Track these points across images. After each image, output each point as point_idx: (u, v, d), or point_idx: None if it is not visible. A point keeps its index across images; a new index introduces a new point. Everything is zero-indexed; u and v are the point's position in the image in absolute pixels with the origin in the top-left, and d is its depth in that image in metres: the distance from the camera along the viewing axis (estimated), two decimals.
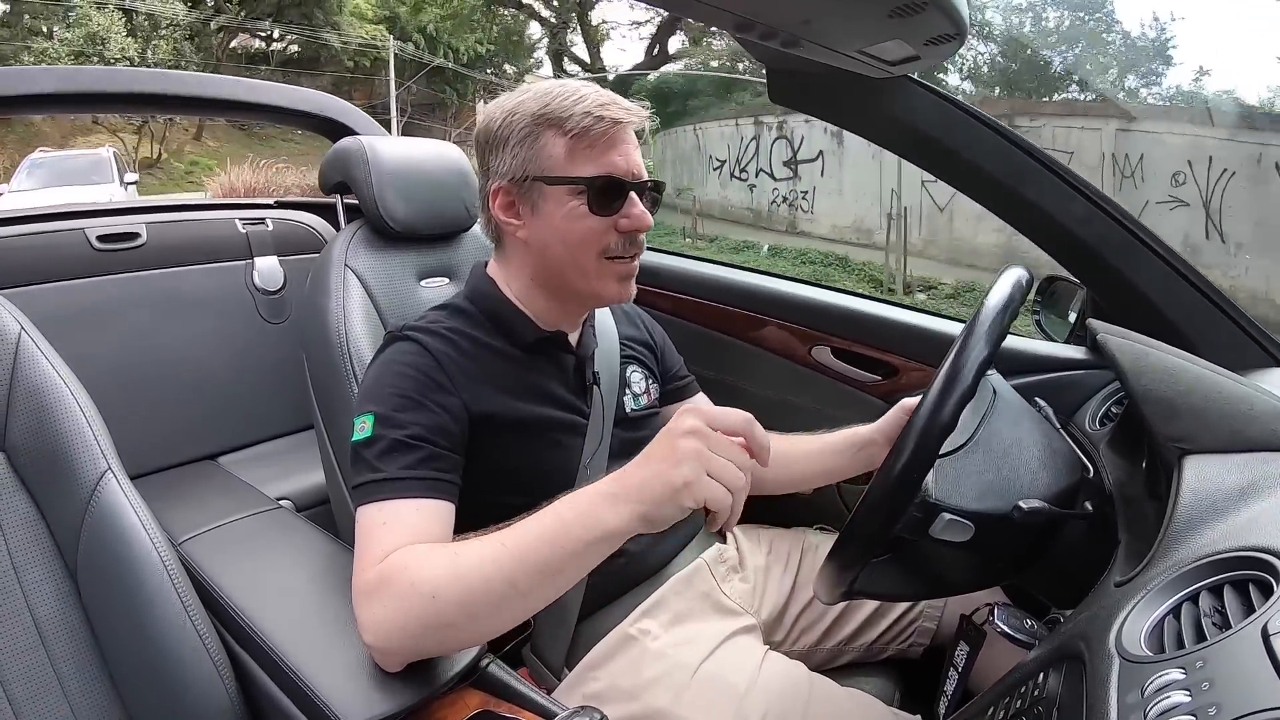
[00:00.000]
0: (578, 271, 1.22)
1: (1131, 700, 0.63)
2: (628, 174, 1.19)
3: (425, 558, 0.96)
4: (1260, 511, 0.81)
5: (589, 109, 1.16)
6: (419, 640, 0.96)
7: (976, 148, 1.39)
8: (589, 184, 1.17)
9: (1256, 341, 1.34)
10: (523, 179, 1.20)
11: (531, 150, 1.19)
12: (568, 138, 1.17)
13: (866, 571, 1.06)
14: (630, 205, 1.19)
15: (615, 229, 1.19)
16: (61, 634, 1.05)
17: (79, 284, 1.83)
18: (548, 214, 1.20)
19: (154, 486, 1.60)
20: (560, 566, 0.91)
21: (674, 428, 0.88)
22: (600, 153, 1.18)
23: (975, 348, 0.98)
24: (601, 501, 0.90)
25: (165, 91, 1.88)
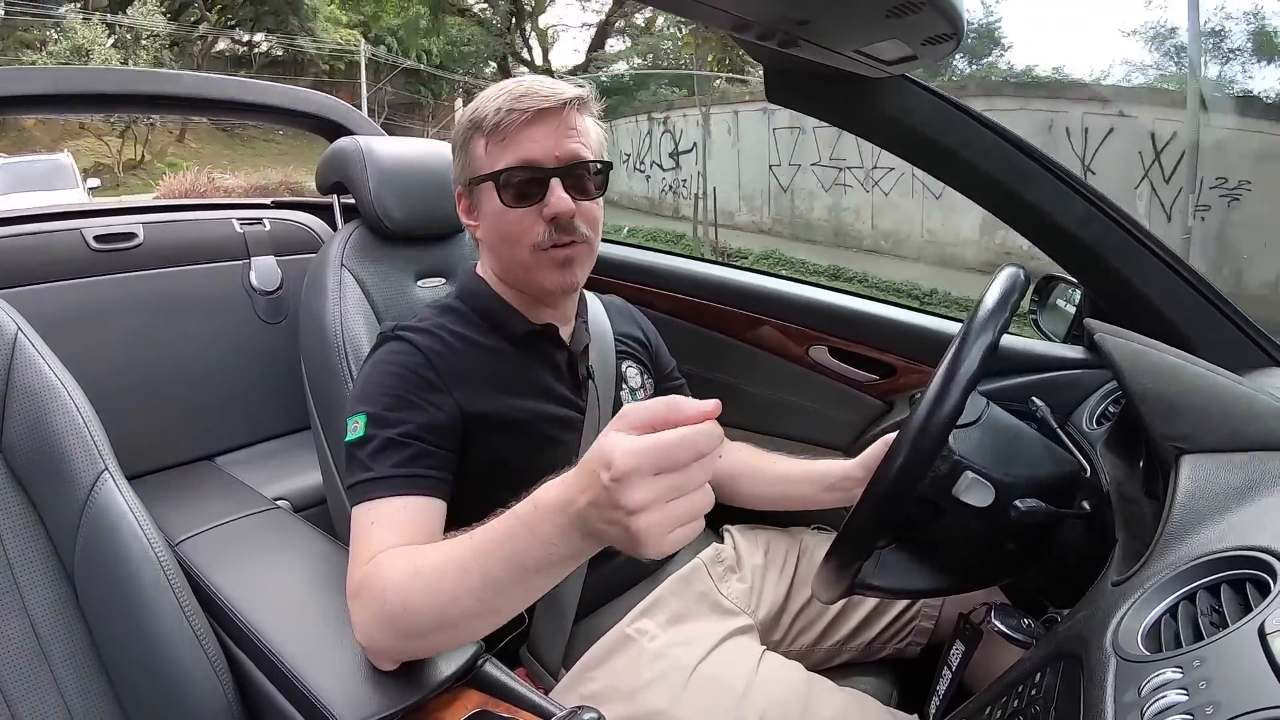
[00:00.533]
0: (517, 265, 1.24)
1: (1128, 699, 0.63)
2: (547, 159, 1.18)
3: (394, 565, 0.95)
4: (1257, 511, 0.81)
5: (501, 104, 1.18)
6: (399, 644, 0.97)
7: (974, 147, 1.39)
8: (495, 178, 1.19)
9: (1255, 341, 1.34)
10: (466, 183, 1.25)
11: (466, 154, 1.24)
12: (484, 135, 1.20)
13: (872, 563, 1.06)
14: (550, 192, 1.18)
15: (541, 218, 1.19)
16: (58, 635, 1.05)
17: (76, 284, 1.82)
18: (485, 213, 1.24)
19: (151, 487, 1.60)
20: (527, 580, 0.86)
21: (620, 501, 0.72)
22: (511, 144, 1.18)
23: (973, 347, 0.98)
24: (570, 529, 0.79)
25: (164, 92, 1.88)
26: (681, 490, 0.73)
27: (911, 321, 1.78)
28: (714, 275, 1.97)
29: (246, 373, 2.04)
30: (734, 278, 1.95)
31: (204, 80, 1.97)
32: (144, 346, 1.88)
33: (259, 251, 2.12)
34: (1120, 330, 1.14)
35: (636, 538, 0.72)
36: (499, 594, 0.87)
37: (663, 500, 0.72)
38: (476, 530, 0.89)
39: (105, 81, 1.82)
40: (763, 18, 1.05)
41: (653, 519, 0.72)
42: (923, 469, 0.98)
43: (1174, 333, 1.33)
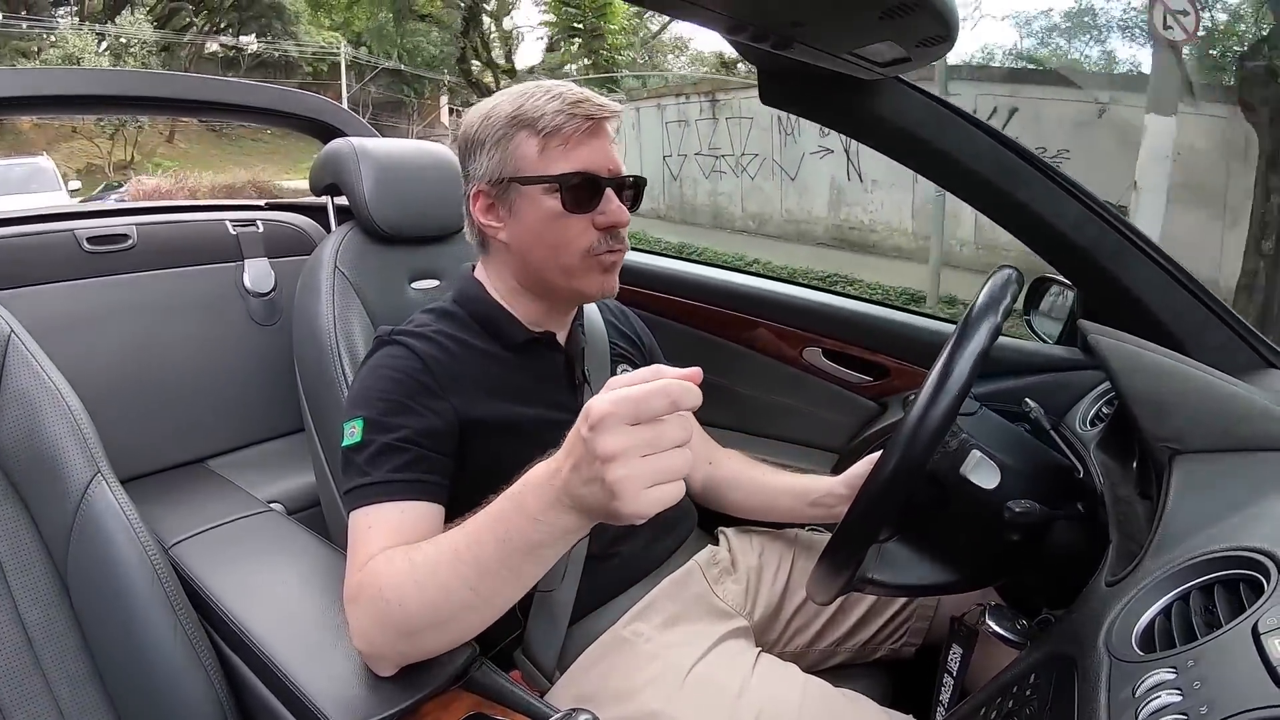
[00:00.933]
0: (559, 270, 1.22)
1: (1123, 699, 0.63)
2: (603, 170, 1.18)
3: (389, 564, 0.96)
4: (1251, 511, 0.81)
5: (560, 107, 1.16)
6: (398, 644, 0.97)
7: (968, 149, 1.39)
8: (562, 181, 1.17)
9: (1247, 343, 1.34)
10: (499, 180, 1.20)
11: (506, 151, 1.20)
12: (540, 136, 1.18)
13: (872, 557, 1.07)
14: (607, 201, 1.19)
15: (594, 226, 1.19)
16: (51, 638, 1.05)
17: (68, 286, 1.81)
18: (525, 215, 1.20)
19: (144, 490, 1.59)
20: (518, 566, 0.88)
21: (595, 451, 0.75)
22: (572, 150, 1.17)
23: (967, 349, 0.98)
24: (552, 506, 0.82)
25: (159, 94, 1.88)
26: (656, 444, 0.75)
27: (905, 323, 1.79)
28: (708, 277, 1.97)
29: (240, 375, 2.04)
30: (728, 280, 1.95)
31: (198, 82, 1.96)
32: (137, 349, 1.88)
33: (252, 253, 2.11)
34: (1113, 331, 1.14)
35: (612, 489, 0.74)
36: (490, 580, 0.89)
37: (638, 452, 0.74)
38: (470, 518, 0.91)
39: (101, 83, 1.82)
40: (757, 20, 1.05)
41: (627, 470, 0.74)
42: (916, 471, 0.98)
43: (1167, 334, 1.34)
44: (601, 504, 0.77)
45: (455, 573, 0.90)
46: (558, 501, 0.81)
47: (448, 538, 0.93)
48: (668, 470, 0.76)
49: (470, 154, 1.24)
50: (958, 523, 1.12)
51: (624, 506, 0.75)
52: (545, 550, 0.86)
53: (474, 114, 1.24)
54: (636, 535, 1.31)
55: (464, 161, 1.26)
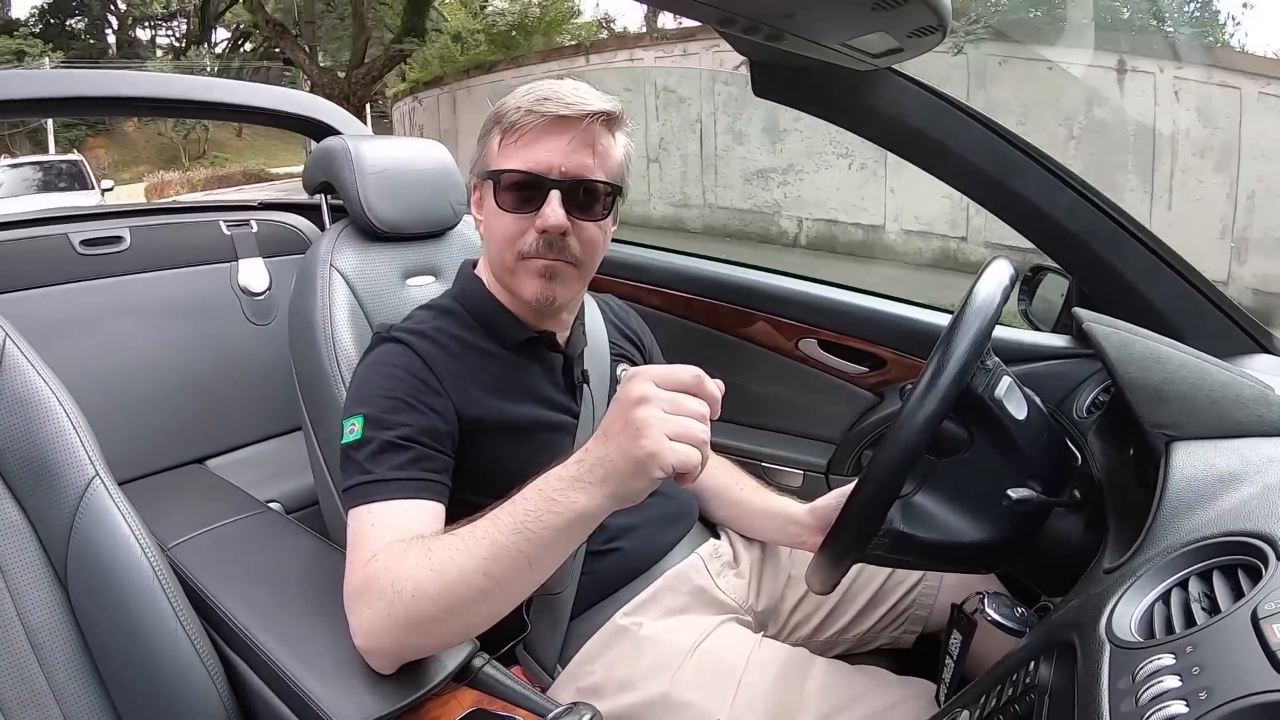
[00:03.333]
0: (502, 268, 1.24)
1: (1123, 686, 0.63)
2: (552, 170, 1.16)
3: (404, 556, 0.96)
4: (1247, 497, 0.82)
5: (524, 104, 1.17)
6: (406, 639, 0.97)
7: (962, 139, 1.39)
8: (495, 178, 1.18)
9: (1242, 328, 1.34)
10: (479, 175, 1.24)
11: (484, 148, 1.23)
12: (502, 133, 1.19)
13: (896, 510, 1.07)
14: (546, 204, 1.16)
15: (533, 228, 1.18)
16: (52, 641, 1.04)
17: (63, 289, 1.81)
18: (485, 209, 1.24)
19: (142, 492, 1.60)
20: (535, 555, 0.90)
21: (624, 397, 0.86)
22: (523, 148, 1.17)
23: (963, 339, 0.99)
24: (569, 487, 0.89)
25: (154, 95, 1.87)
26: (679, 407, 0.85)
27: (901, 314, 1.79)
28: (704, 270, 1.97)
29: (236, 375, 2.03)
30: (724, 272, 1.95)
31: (193, 83, 1.97)
32: (133, 350, 1.87)
33: (247, 253, 2.11)
34: (1108, 319, 1.14)
35: (638, 427, 0.83)
36: (506, 568, 0.91)
37: (662, 404, 0.84)
38: (485, 512, 0.94)
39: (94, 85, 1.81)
40: (748, 11, 1.05)
41: (652, 412, 0.83)
42: (911, 462, 0.99)
43: (1162, 321, 1.34)
44: (626, 449, 0.84)
45: (473, 561, 0.91)
46: (578, 479, 0.88)
47: (465, 528, 0.95)
48: (688, 432, 0.84)
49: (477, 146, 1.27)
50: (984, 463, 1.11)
51: (648, 444, 0.82)
52: (561, 537, 0.89)
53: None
54: (637, 529, 1.31)
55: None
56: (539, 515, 0.89)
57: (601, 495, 0.87)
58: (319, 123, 2.08)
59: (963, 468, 1.12)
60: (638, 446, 0.83)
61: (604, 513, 0.89)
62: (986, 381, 1.09)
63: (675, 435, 0.83)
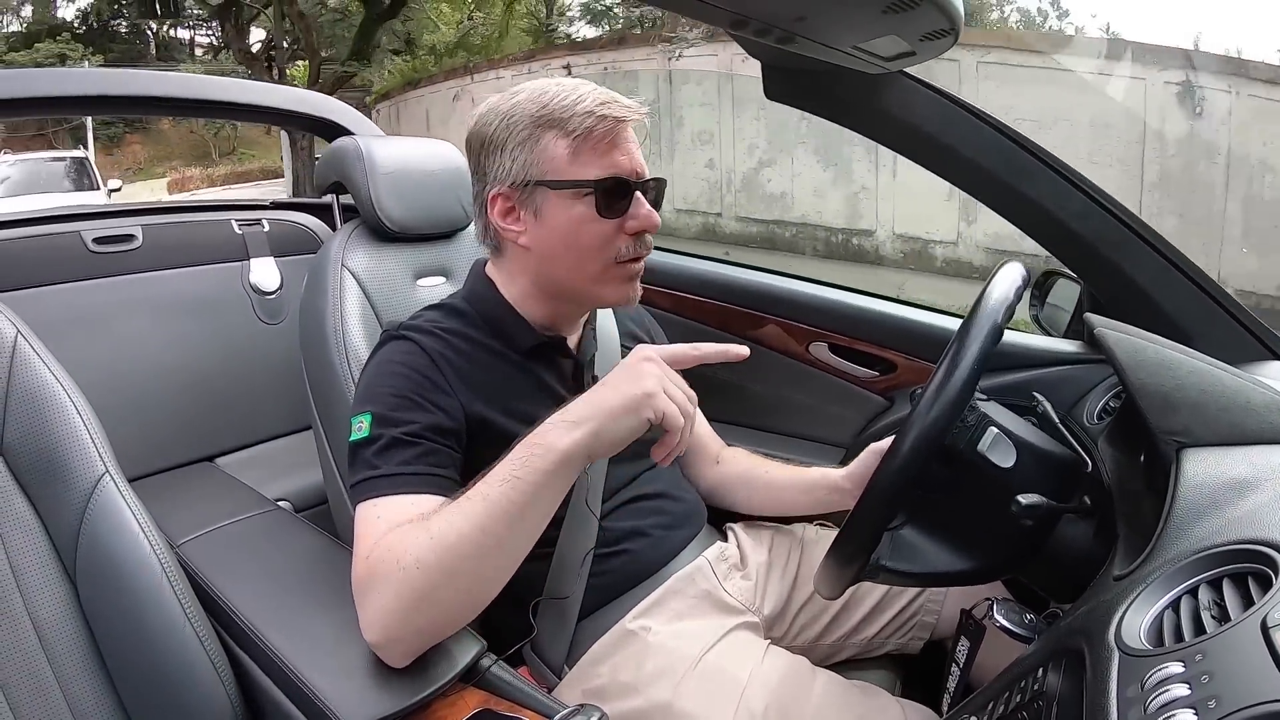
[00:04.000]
0: (583, 276, 1.21)
1: (1131, 694, 0.63)
2: (632, 173, 1.17)
3: (404, 534, 0.98)
4: (1258, 504, 0.81)
5: (590, 109, 1.14)
6: (415, 618, 0.97)
7: (973, 143, 1.39)
8: (597, 186, 1.15)
9: (1253, 334, 1.34)
10: (524, 184, 1.17)
11: (532, 154, 1.16)
12: (570, 139, 1.15)
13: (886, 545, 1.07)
14: (637, 205, 1.17)
15: (622, 230, 1.17)
16: (61, 637, 1.05)
17: (75, 287, 1.82)
18: (552, 218, 1.18)
19: (152, 489, 1.60)
20: (525, 503, 0.95)
21: (632, 357, 0.99)
22: (604, 153, 1.15)
23: (974, 344, 0.98)
24: (551, 429, 0.96)
25: (167, 94, 1.88)
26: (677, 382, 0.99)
27: (912, 318, 1.78)
28: (715, 273, 1.97)
29: (246, 374, 2.04)
30: (734, 275, 1.95)
31: (206, 82, 1.97)
32: (143, 348, 1.88)
33: (258, 252, 2.12)
34: (1119, 324, 1.14)
35: (640, 373, 0.96)
36: (501, 520, 0.95)
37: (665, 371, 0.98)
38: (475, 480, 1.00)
39: (104, 84, 1.82)
40: (760, 14, 1.05)
41: (656, 369, 0.97)
42: (921, 464, 0.98)
43: (1173, 326, 1.34)
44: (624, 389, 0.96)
45: (469, 520, 0.94)
46: (558, 423, 0.97)
47: (463, 496, 0.98)
48: (681, 398, 0.97)
49: (488, 155, 1.21)
50: (971, 504, 1.11)
51: (648, 384, 0.95)
52: (547, 480, 0.95)
53: (489, 113, 1.21)
54: (645, 532, 1.31)
55: (479, 162, 1.23)
56: (525, 461, 0.95)
57: (582, 434, 0.95)
58: (331, 123, 2.09)
59: (949, 505, 1.13)
60: (637, 386, 0.95)
61: (584, 452, 0.96)
62: (968, 436, 1.09)
63: (670, 394, 0.96)
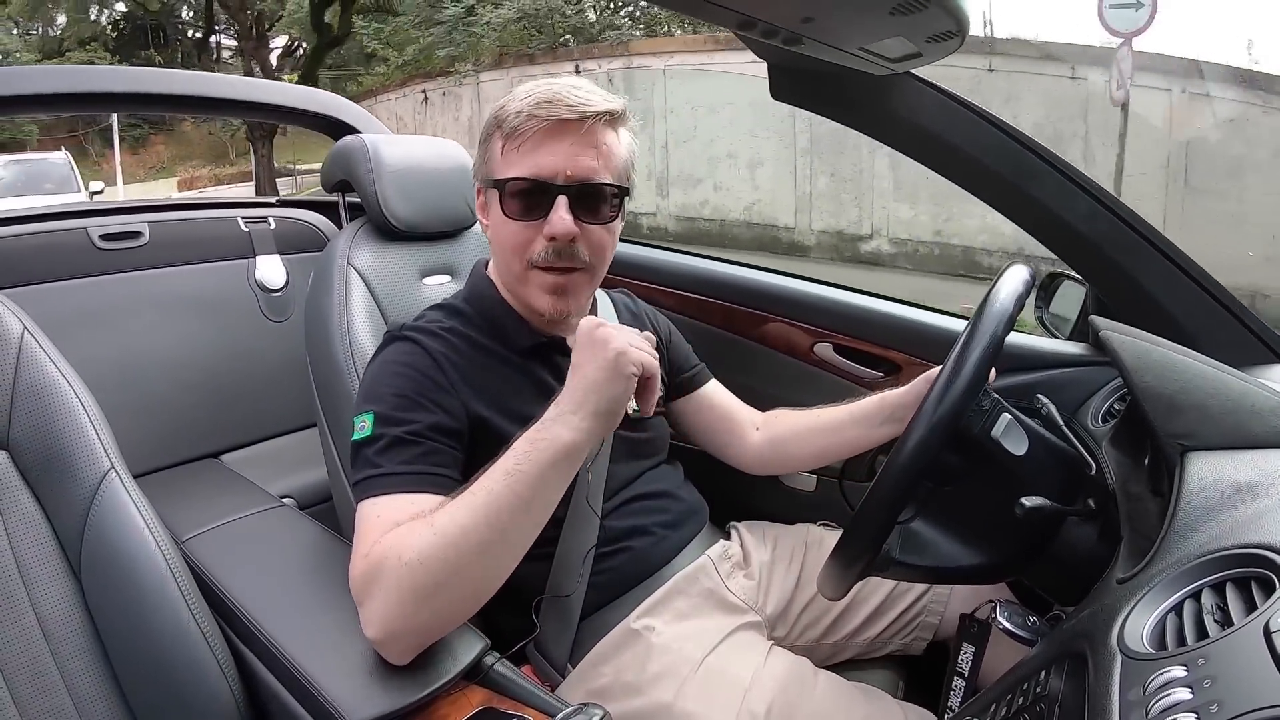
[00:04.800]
0: (510, 277, 1.24)
1: (1133, 697, 0.63)
2: (557, 175, 1.16)
3: (407, 531, 0.98)
4: (1263, 509, 0.81)
5: (523, 108, 1.16)
6: (416, 614, 0.97)
7: (980, 145, 1.39)
8: (500, 186, 1.18)
9: (1259, 338, 1.33)
10: (482, 181, 1.24)
11: (486, 152, 1.23)
12: (504, 139, 1.18)
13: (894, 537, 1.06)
14: (553, 210, 1.16)
15: (541, 234, 1.18)
16: (65, 632, 1.05)
17: (81, 283, 1.83)
18: (491, 216, 1.23)
19: (157, 485, 1.60)
20: (530, 496, 0.97)
21: (582, 332, 1.03)
22: (526, 154, 1.17)
23: (979, 345, 0.98)
24: (552, 423, 0.99)
25: (175, 91, 1.88)
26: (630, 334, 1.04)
27: (917, 319, 1.78)
28: (719, 273, 1.97)
29: (252, 371, 2.05)
30: (739, 275, 1.95)
31: (215, 80, 1.97)
32: (149, 345, 1.89)
33: (264, 250, 2.12)
34: (1125, 327, 1.14)
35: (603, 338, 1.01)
36: (502, 513, 0.96)
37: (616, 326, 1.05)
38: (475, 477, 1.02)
39: (110, 81, 1.82)
40: (767, 16, 1.05)
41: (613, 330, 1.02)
42: (924, 468, 0.98)
43: (1179, 329, 1.33)
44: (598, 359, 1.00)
45: (472, 514, 0.95)
46: (557, 417, 1.00)
47: (464, 492, 0.99)
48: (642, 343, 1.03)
49: (477, 152, 1.27)
50: (982, 494, 1.11)
51: (616, 345, 0.99)
52: (550, 473, 0.98)
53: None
54: (647, 530, 1.31)
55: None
56: (527, 454, 0.98)
57: (582, 418, 0.99)
58: (339, 121, 2.09)
59: (960, 496, 1.12)
60: (608, 350, 0.99)
61: (590, 438, 0.99)
62: (982, 422, 1.09)
63: (635, 344, 1.01)
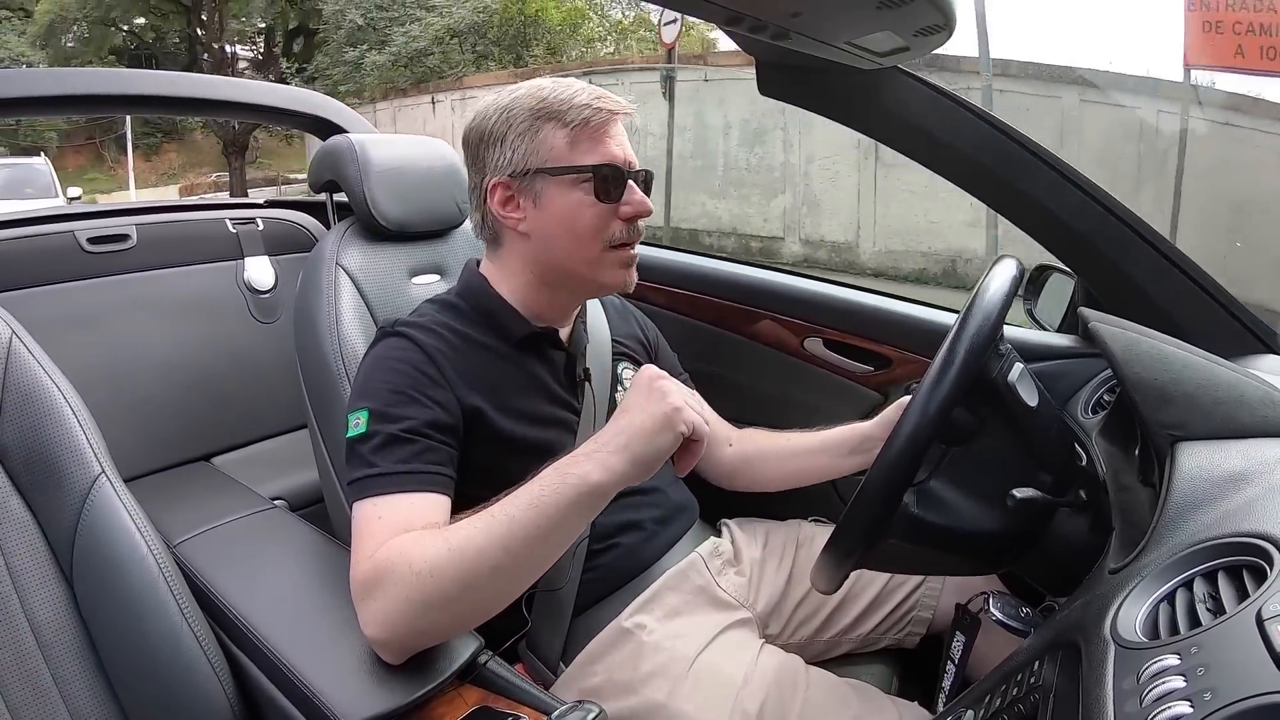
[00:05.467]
0: (582, 261, 1.24)
1: (1127, 686, 0.63)
2: (625, 163, 1.21)
3: (419, 540, 0.97)
4: (1253, 497, 0.81)
5: (587, 101, 1.19)
6: (420, 622, 0.97)
7: (968, 139, 1.39)
8: (595, 171, 1.19)
9: (1248, 328, 1.34)
10: (524, 172, 1.21)
11: (532, 143, 1.21)
12: (568, 129, 1.20)
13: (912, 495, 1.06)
14: (630, 192, 1.21)
15: (617, 216, 1.21)
16: (58, 638, 1.05)
17: (70, 287, 1.82)
18: (552, 205, 1.22)
19: (148, 489, 1.60)
20: (549, 530, 0.94)
21: (643, 377, 1.01)
22: (599, 142, 1.20)
23: (968, 338, 0.98)
24: (582, 460, 0.96)
25: (161, 93, 1.87)
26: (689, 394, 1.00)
27: (906, 313, 1.78)
28: (709, 269, 1.97)
29: (242, 372, 2.04)
30: (729, 271, 1.95)
31: (201, 81, 1.96)
32: (139, 348, 1.88)
33: (252, 251, 2.11)
34: (1114, 319, 1.14)
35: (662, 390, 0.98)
36: (522, 541, 0.94)
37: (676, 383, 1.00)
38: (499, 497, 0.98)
39: (100, 83, 1.81)
40: (754, 10, 1.05)
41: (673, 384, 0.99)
42: (916, 462, 0.99)
43: (1168, 321, 1.34)
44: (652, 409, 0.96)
45: (491, 538, 0.94)
46: (592, 453, 0.96)
47: (483, 511, 0.98)
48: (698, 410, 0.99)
49: (487, 148, 1.24)
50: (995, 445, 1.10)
51: (674, 400, 0.96)
52: (574, 510, 0.95)
53: (489, 109, 1.25)
54: (638, 526, 1.31)
55: (478, 154, 1.26)
56: (554, 488, 0.94)
57: (620, 461, 0.95)
58: (327, 121, 2.08)
59: (975, 456, 1.12)
60: (665, 403, 0.96)
61: (620, 482, 0.95)
62: (999, 366, 1.08)
63: (691, 406, 0.98)
